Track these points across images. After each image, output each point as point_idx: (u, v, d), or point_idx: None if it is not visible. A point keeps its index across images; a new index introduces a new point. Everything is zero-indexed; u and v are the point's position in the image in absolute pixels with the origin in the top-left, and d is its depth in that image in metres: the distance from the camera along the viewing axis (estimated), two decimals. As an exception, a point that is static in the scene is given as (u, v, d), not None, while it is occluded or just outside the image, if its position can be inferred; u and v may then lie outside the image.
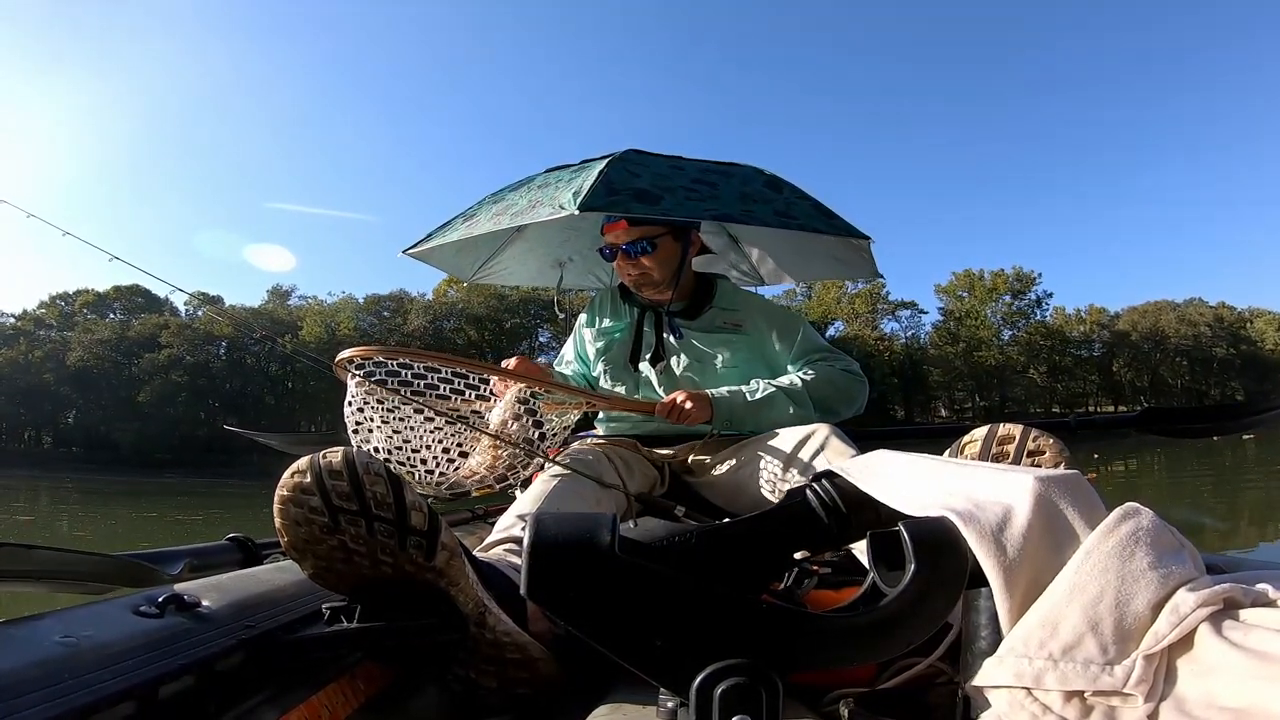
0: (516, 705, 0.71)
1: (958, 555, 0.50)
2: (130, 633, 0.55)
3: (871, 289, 44.22)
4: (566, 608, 0.48)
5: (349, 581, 0.68)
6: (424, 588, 0.67)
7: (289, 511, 0.65)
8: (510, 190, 1.71)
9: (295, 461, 0.67)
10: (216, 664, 0.59)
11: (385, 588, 0.67)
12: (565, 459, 1.28)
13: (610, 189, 1.41)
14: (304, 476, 0.65)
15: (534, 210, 1.48)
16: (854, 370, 1.56)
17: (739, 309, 1.60)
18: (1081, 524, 0.50)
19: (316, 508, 0.65)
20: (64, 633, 0.52)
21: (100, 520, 11.03)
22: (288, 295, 49.32)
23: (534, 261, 2.07)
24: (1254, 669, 0.39)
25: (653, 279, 1.54)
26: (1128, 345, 46.48)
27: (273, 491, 0.67)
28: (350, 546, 0.66)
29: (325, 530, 0.65)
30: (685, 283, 1.60)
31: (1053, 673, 0.44)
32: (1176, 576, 0.46)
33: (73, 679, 0.48)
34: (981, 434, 0.98)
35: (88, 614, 0.57)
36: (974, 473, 0.59)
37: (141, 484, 21.81)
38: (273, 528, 0.68)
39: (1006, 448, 0.95)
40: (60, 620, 0.54)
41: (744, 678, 0.45)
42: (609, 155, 1.60)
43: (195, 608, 0.63)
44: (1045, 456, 0.93)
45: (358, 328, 43.63)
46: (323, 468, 0.65)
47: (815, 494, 0.63)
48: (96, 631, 0.53)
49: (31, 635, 0.51)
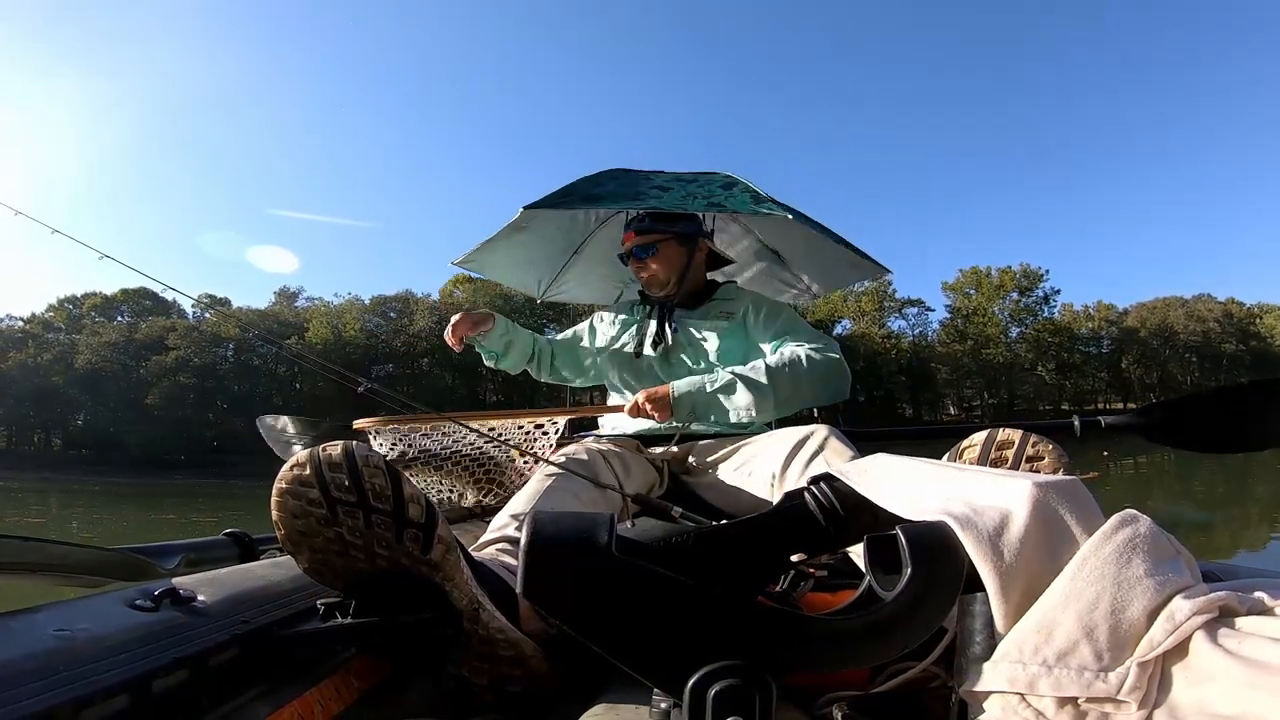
0: (509, 702, 0.71)
1: (954, 560, 0.50)
2: (125, 626, 0.55)
3: (878, 286, 44.01)
4: (562, 607, 0.48)
5: (344, 575, 0.68)
6: (419, 582, 0.67)
7: (287, 504, 0.65)
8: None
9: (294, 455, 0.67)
10: (211, 659, 0.59)
11: (380, 582, 0.67)
12: (561, 458, 1.28)
13: (563, 193, 1.74)
14: (303, 469, 0.65)
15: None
16: (830, 351, 1.51)
17: (734, 299, 1.72)
18: (1079, 530, 0.50)
19: (315, 500, 0.65)
20: (59, 625, 0.52)
21: (111, 520, 11.01)
22: (295, 296, 49.46)
23: (595, 281, 2.27)
24: (1248, 677, 0.39)
25: (659, 279, 1.71)
26: (1136, 342, 46.38)
27: None
28: (347, 539, 0.66)
29: (323, 522, 0.65)
30: (693, 283, 1.74)
31: (1046, 679, 0.44)
32: (1172, 584, 0.46)
33: (67, 671, 0.48)
34: (980, 439, 0.98)
35: (83, 607, 0.57)
36: (972, 477, 0.59)
37: (155, 485, 21.89)
38: (270, 524, 0.68)
39: (1005, 453, 0.95)
40: (56, 613, 0.54)
41: (738, 679, 0.45)
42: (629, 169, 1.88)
43: (190, 602, 0.63)
44: (1044, 463, 0.93)
45: (364, 328, 43.69)
46: (322, 460, 0.65)
47: (813, 496, 0.63)
48: (92, 625, 0.53)
49: (27, 628, 0.51)
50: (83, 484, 20.67)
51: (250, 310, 46.33)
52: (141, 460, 34.66)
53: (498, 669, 0.71)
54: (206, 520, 10.69)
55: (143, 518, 11.84)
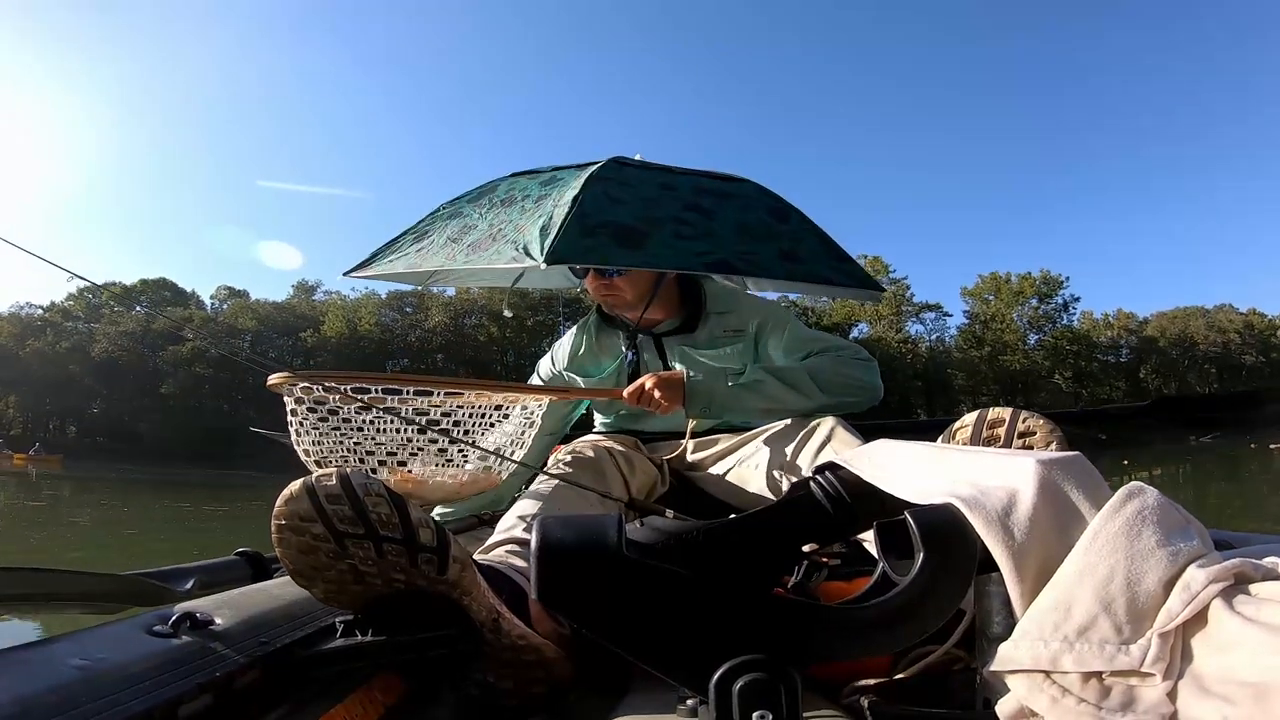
0: (535, 706, 0.71)
1: (966, 541, 0.50)
2: (146, 653, 0.55)
3: (896, 291, 44.24)
4: (578, 611, 0.48)
5: (361, 600, 0.68)
6: (437, 599, 0.67)
7: (290, 540, 0.64)
8: (469, 202, 1.55)
9: (287, 486, 0.64)
10: (234, 682, 0.59)
11: (398, 602, 0.67)
12: (566, 457, 1.27)
13: (585, 226, 1.24)
14: (299, 502, 0.63)
15: (494, 246, 1.33)
16: (860, 354, 1.37)
17: (733, 310, 1.48)
18: (1087, 505, 0.50)
19: (320, 535, 0.63)
20: (80, 655, 0.51)
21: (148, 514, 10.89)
22: (313, 290, 49.49)
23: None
24: (1270, 643, 0.39)
25: (625, 299, 1.42)
26: (1155, 351, 46.59)
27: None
28: (361, 569, 0.65)
29: (333, 556, 0.64)
30: (668, 296, 1.47)
31: (1069, 654, 0.44)
32: (1186, 553, 0.46)
33: (91, 703, 0.47)
34: (972, 419, 0.98)
35: (102, 635, 0.57)
36: (976, 458, 0.59)
37: (170, 475, 21.73)
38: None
39: (997, 430, 0.95)
40: (75, 643, 0.54)
41: (762, 673, 0.45)
42: (586, 165, 1.42)
43: (209, 625, 0.63)
44: (1036, 437, 0.93)
45: (379, 323, 43.64)
46: (320, 492, 0.63)
47: (819, 486, 0.63)
48: (112, 653, 0.53)
49: (47, 660, 0.50)
50: (101, 482, 20.41)
51: (268, 303, 46.54)
52: (155, 450, 34.75)
53: (522, 674, 0.71)
54: (219, 511, 10.65)
55: (155, 504, 11.78)
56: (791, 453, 1.23)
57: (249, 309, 23.25)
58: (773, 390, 1.29)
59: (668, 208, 1.38)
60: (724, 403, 1.30)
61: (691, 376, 1.31)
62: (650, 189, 1.42)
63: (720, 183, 1.54)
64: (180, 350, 39.63)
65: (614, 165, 1.44)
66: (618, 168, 1.44)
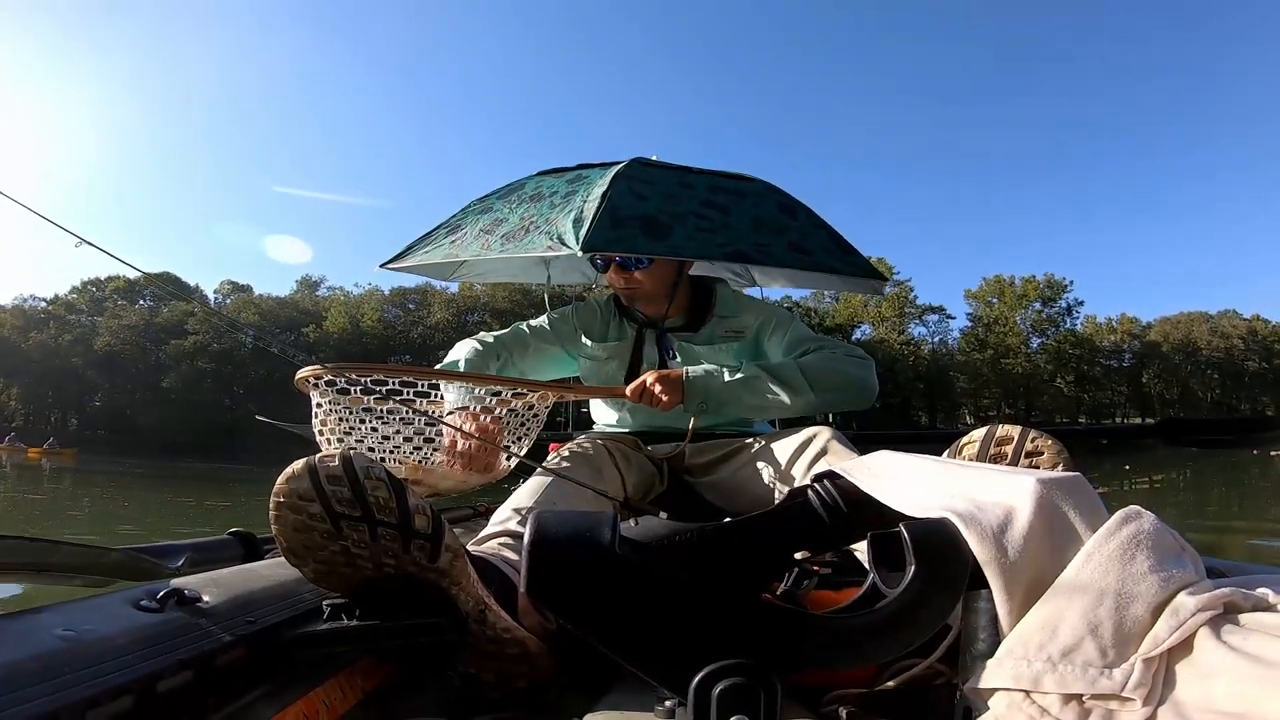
0: (515, 699, 0.71)
1: (958, 556, 0.50)
2: (130, 627, 0.55)
3: (899, 293, 44.07)
4: (565, 606, 0.48)
5: (350, 582, 0.68)
6: (426, 587, 0.67)
7: (287, 518, 0.64)
8: (499, 198, 1.62)
9: (289, 465, 0.65)
10: (216, 659, 0.59)
11: (386, 587, 0.67)
12: (566, 453, 1.28)
13: (615, 218, 1.33)
14: (300, 481, 0.64)
15: (528, 236, 1.41)
16: (856, 352, 1.39)
17: (738, 314, 1.52)
18: (1083, 526, 0.50)
19: (317, 514, 0.64)
20: (64, 626, 0.52)
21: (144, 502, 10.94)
22: (316, 286, 49.77)
23: (518, 259, 1.80)
24: (1253, 673, 0.39)
25: (645, 292, 1.47)
26: (1158, 356, 46.27)
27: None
28: (353, 551, 0.65)
29: (327, 536, 0.64)
30: (682, 293, 1.51)
31: (1051, 675, 0.44)
32: (1177, 580, 0.46)
33: (72, 673, 0.48)
34: (980, 435, 0.97)
35: (88, 608, 0.57)
36: (975, 474, 0.59)
37: (175, 469, 21.79)
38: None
39: (1005, 448, 0.95)
40: (60, 613, 0.54)
41: (742, 678, 0.45)
42: (610, 165, 1.51)
43: (195, 603, 0.63)
44: (1043, 457, 0.93)
45: (382, 319, 43.77)
46: (321, 472, 0.64)
47: (816, 494, 0.63)
48: (96, 625, 0.53)
49: (31, 628, 0.51)
50: (107, 467, 20.43)
51: (270, 298, 46.74)
52: (156, 443, 34.92)
53: (504, 667, 0.71)
54: (219, 505, 10.68)
55: (154, 497, 11.82)
56: (788, 460, 1.23)
57: (252, 304, 23.30)
58: (765, 384, 1.31)
59: (687, 203, 1.46)
60: (720, 397, 1.32)
61: (689, 372, 1.33)
62: (671, 186, 1.50)
63: (733, 181, 1.61)
64: (182, 344, 39.80)
65: (637, 164, 1.53)
66: (641, 167, 1.53)
